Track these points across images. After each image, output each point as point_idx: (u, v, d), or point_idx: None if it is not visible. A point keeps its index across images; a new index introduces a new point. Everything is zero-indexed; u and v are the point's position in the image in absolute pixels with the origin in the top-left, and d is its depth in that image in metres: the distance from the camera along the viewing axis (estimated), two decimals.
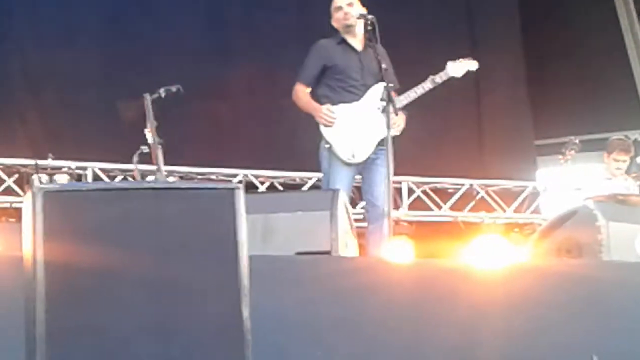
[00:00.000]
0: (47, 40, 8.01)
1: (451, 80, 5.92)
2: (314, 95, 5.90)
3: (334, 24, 5.93)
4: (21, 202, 7.27)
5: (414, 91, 5.80)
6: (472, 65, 6.02)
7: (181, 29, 8.41)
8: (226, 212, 2.39)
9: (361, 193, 6.11)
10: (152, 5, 8.40)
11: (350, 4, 5.82)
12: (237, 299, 2.39)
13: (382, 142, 5.68)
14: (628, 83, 10.43)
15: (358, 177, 5.96)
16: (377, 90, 5.71)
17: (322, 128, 5.77)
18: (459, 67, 5.94)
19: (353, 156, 5.73)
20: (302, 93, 5.89)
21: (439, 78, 5.85)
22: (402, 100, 5.75)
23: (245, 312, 2.43)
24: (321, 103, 5.81)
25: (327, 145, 5.76)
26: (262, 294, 3.36)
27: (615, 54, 10.41)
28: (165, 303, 2.31)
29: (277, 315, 3.58)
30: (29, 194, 2.31)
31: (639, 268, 4.40)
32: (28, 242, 2.28)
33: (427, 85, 5.82)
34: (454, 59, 5.94)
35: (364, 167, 5.84)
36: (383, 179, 5.53)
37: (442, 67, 5.92)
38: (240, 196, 2.44)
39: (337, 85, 5.83)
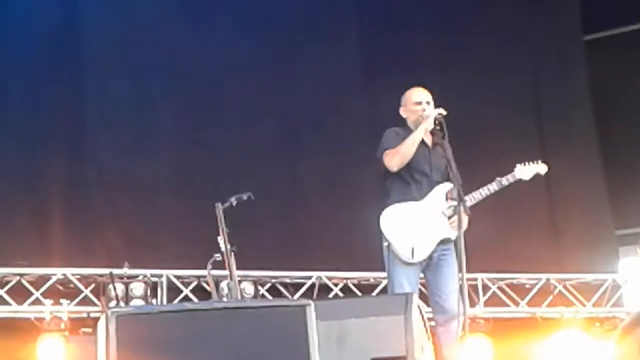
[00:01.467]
0: (121, 149, 8.22)
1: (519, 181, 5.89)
2: (384, 187, 5.88)
3: (406, 114, 5.94)
4: (98, 311, 7.37)
5: (479, 193, 5.78)
6: (541, 169, 6.01)
7: (253, 135, 8.53)
8: (298, 328, 2.38)
9: (428, 294, 6.00)
10: (224, 112, 8.55)
11: (428, 102, 5.86)
12: None
13: (443, 242, 5.64)
14: None
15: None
16: (443, 189, 5.69)
17: (382, 227, 5.74)
18: (527, 171, 5.93)
19: (412, 256, 5.67)
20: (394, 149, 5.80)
21: (506, 180, 5.83)
22: (467, 201, 5.71)
23: None
24: (385, 200, 5.77)
25: (386, 243, 5.71)
26: None
27: None
28: None
29: None
30: (102, 317, 2.33)
31: None
32: None
33: (493, 187, 5.79)
34: (522, 161, 5.93)
35: (428, 269, 5.77)
36: (450, 279, 5.47)
37: (510, 166, 5.90)
38: (312, 312, 2.43)
39: (406, 178, 5.80)
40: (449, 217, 5.68)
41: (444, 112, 5.72)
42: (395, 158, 5.77)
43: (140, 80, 8.42)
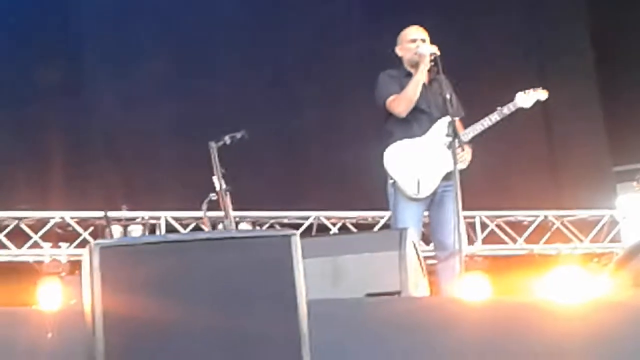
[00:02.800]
0: (121, 94, 8.17)
1: (520, 110, 5.86)
2: (385, 129, 5.87)
3: (402, 53, 5.90)
4: None
5: (481, 124, 5.75)
6: (541, 95, 5.95)
7: (249, 80, 8.48)
8: (283, 260, 2.37)
9: (430, 231, 6.02)
10: (218, 59, 8.51)
11: (423, 40, 5.81)
12: (298, 346, 2.36)
13: (448, 177, 5.62)
14: None
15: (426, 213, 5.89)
16: (443, 124, 5.66)
17: (386, 164, 5.73)
18: (528, 98, 5.88)
19: (418, 192, 5.67)
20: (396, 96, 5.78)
21: (507, 109, 5.79)
22: (469, 133, 5.70)
23: (306, 358, 2.40)
24: (387, 139, 5.77)
25: (391, 181, 5.71)
26: (332, 337, 3.34)
27: None
28: (224, 353, 2.30)
29: (349, 358, 3.55)
30: (87, 248, 2.34)
31: None
32: (87, 296, 2.29)
33: (494, 117, 5.76)
34: (522, 89, 5.89)
35: (431, 205, 5.78)
36: (452, 215, 5.46)
37: (510, 98, 5.87)
38: (297, 242, 2.42)
39: (407, 115, 5.77)
40: (452, 151, 5.64)
41: (437, 52, 5.67)
42: (402, 104, 5.75)
43: (136, 28, 8.36)
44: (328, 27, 8.82)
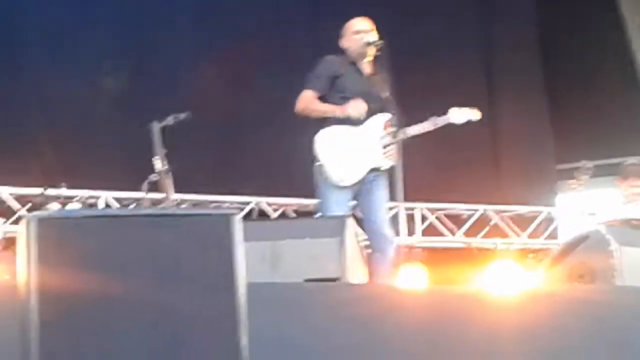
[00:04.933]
0: (62, 72, 8.03)
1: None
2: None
3: (347, 44, 5.88)
4: None
5: (413, 128, 5.74)
6: (474, 115, 6.01)
7: (193, 60, 8.42)
8: (223, 239, 2.35)
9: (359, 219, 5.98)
10: (165, 39, 8.42)
11: (369, 31, 5.80)
12: (235, 327, 2.35)
13: (374, 170, 5.63)
14: None
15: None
16: (380, 118, 5.67)
17: (316, 146, 5.68)
18: (460, 115, 5.92)
19: (342, 179, 5.65)
20: (313, 99, 5.76)
21: (440, 121, 5.82)
22: (400, 135, 5.68)
23: (244, 340, 2.39)
24: (322, 123, 5.74)
25: (317, 163, 5.68)
26: (270, 321, 3.34)
27: (630, 81, 10.42)
28: (160, 330, 2.28)
29: (285, 343, 3.55)
30: (23, 221, 2.30)
31: None
32: (23, 269, 2.26)
33: (426, 125, 5.77)
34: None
35: (360, 195, 5.75)
36: (383, 203, 5.47)
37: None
38: (238, 222, 2.40)
39: (343, 102, 5.73)
40: (384, 147, 5.66)
41: (378, 42, 5.67)
42: (302, 107, 5.78)
43: (78, 5, 8.22)
44: (279, 10, 8.79)
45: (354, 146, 5.67)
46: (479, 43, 9.79)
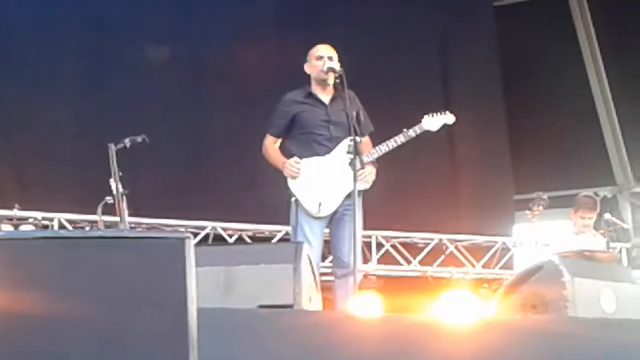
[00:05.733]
0: (21, 88, 7.95)
1: (426, 133, 5.93)
2: (282, 150, 5.89)
3: (308, 70, 5.92)
4: None
5: (386, 144, 5.79)
6: (448, 119, 6.04)
7: (155, 79, 8.37)
8: (176, 263, 2.32)
9: (329, 247, 6.04)
10: (126, 53, 8.36)
11: (330, 57, 5.83)
12: (186, 352, 2.32)
13: (350, 196, 5.63)
14: (598, 142, 10.57)
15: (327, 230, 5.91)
16: (346, 143, 5.68)
17: (289, 181, 5.75)
18: (435, 121, 5.95)
19: (319, 210, 5.70)
20: (270, 146, 5.91)
21: (413, 132, 5.84)
22: (373, 153, 5.75)
23: None
24: (288, 158, 5.79)
25: (293, 199, 5.72)
26: (222, 347, 3.30)
27: (586, 114, 10.57)
28: (111, 353, 2.23)
29: None
30: None
31: (604, 324, 4.37)
32: None
33: (400, 138, 5.81)
34: (430, 110, 5.96)
35: (332, 222, 5.80)
36: (351, 234, 5.49)
37: (415, 120, 5.93)
38: (191, 246, 2.38)
39: (303, 138, 5.81)
40: (356, 170, 5.66)
41: (337, 68, 5.70)
42: (263, 153, 5.92)
43: (43, 14, 8.15)
44: (244, 30, 8.79)
45: (326, 176, 5.71)
46: (439, 71, 9.87)
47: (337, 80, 5.67)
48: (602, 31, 10.57)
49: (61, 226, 7.71)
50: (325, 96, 5.87)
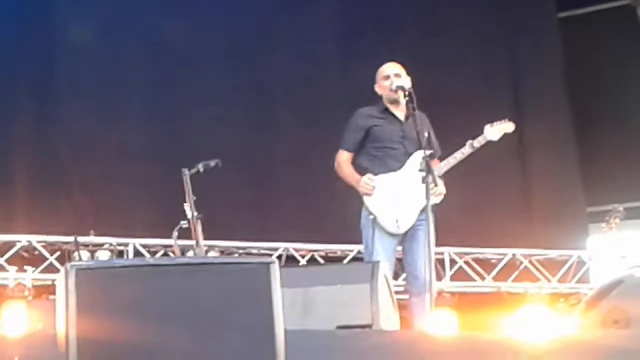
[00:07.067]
0: (90, 112, 8.10)
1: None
2: (355, 165, 5.88)
3: (378, 90, 5.94)
4: None
5: (454, 157, 5.77)
6: (509, 127, 6.00)
7: (224, 103, 8.47)
8: (262, 287, 2.34)
9: (402, 265, 6.02)
10: (195, 80, 8.48)
11: (397, 75, 5.84)
12: None
13: (423, 211, 5.61)
14: None
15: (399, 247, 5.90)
16: (417, 158, 5.67)
17: (365, 199, 5.73)
18: (496, 131, 5.92)
19: (398, 227, 5.68)
20: (344, 162, 5.88)
21: (477, 142, 5.82)
22: (442, 167, 5.74)
23: None
24: (361, 174, 5.78)
25: (371, 217, 5.70)
26: None
27: None
28: None
29: None
30: (62, 271, 2.30)
31: None
32: (61, 319, 2.25)
33: (466, 150, 5.78)
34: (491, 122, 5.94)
35: (405, 239, 5.78)
36: (425, 250, 5.46)
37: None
38: (276, 270, 2.40)
39: (377, 154, 5.80)
40: (428, 185, 5.63)
41: (407, 86, 5.70)
42: (336, 169, 5.89)
43: (110, 45, 8.31)
44: (310, 55, 8.84)
45: (401, 191, 5.70)
46: (509, 84, 9.80)
47: (407, 99, 5.66)
48: None
49: (136, 251, 7.80)
50: (400, 113, 5.87)
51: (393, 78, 5.82)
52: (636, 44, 10.45)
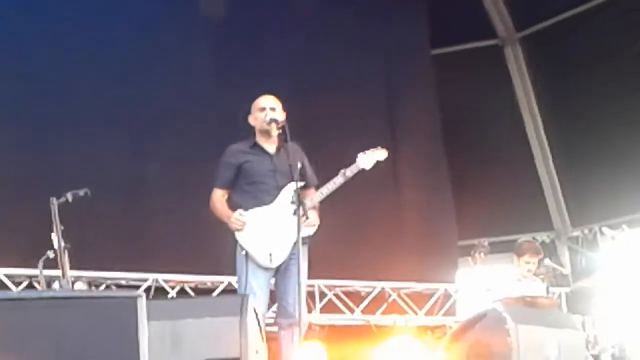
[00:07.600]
0: None
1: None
2: (230, 202, 5.87)
3: (252, 121, 5.96)
4: None
5: (326, 187, 5.82)
6: (381, 155, 6.07)
7: (95, 131, 8.30)
8: (128, 322, 2.31)
9: (274, 297, 6.01)
10: (66, 108, 8.29)
11: (273, 108, 5.87)
12: None
13: (296, 244, 5.63)
14: (535, 188, 10.74)
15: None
16: (289, 191, 5.70)
17: (237, 235, 5.72)
18: (368, 159, 5.99)
19: (271, 261, 5.68)
20: (217, 200, 5.88)
21: (350, 171, 5.88)
22: (315, 198, 5.77)
23: None
24: (234, 209, 5.78)
25: (243, 252, 5.69)
26: None
27: (524, 161, 10.76)
28: None
29: None
30: None
31: None
32: None
33: (338, 179, 5.84)
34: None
35: (278, 272, 5.78)
36: (296, 284, 5.48)
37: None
38: (143, 304, 2.37)
39: (249, 189, 5.82)
40: (301, 216, 5.66)
41: (279, 119, 5.74)
42: (212, 208, 5.88)
43: None
44: (185, 79, 8.79)
45: (273, 226, 5.71)
46: (385, 115, 9.96)
47: (280, 131, 5.70)
48: (537, 79, 10.80)
49: (0, 282, 7.55)
50: (270, 146, 5.90)
51: (268, 111, 5.86)
52: (503, 83, 10.84)
